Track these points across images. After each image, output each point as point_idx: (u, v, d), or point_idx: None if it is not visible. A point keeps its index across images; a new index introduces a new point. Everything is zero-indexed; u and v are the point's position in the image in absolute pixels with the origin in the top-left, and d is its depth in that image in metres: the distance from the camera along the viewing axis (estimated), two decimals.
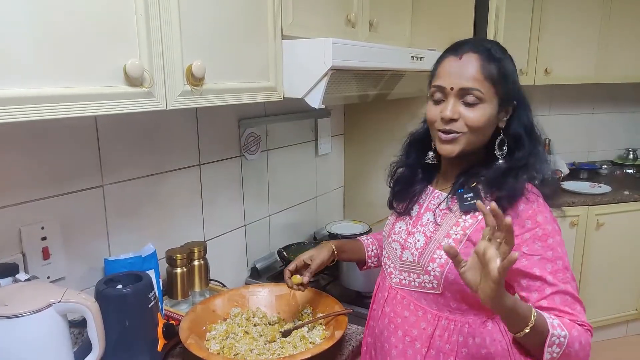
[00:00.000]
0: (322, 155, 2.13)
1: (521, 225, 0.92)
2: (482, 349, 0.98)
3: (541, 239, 0.92)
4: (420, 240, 1.03)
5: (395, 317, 1.06)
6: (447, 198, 1.02)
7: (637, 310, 2.88)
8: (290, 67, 1.30)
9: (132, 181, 1.34)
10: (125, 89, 0.91)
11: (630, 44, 2.81)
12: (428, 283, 1.00)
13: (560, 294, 0.91)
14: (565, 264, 0.93)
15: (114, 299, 1.07)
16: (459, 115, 0.94)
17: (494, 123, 0.97)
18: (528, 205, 0.93)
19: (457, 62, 0.95)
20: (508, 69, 0.97)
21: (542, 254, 0.91)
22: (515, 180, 0.94)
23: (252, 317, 1.26)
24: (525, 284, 0.93)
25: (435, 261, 0.98)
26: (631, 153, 3.27)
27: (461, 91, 0.94)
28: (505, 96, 0.96)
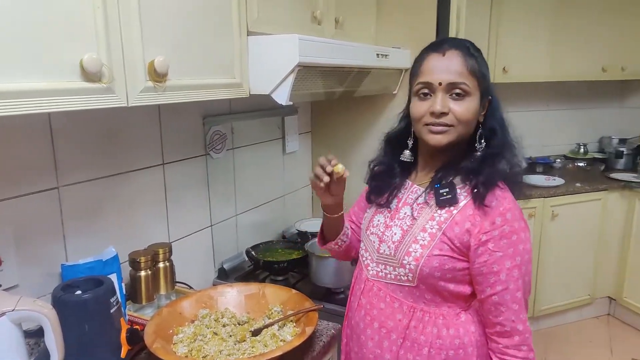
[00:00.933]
0: (289, 153, 2.11)
1: (492, 222, 0.95)
2: (455, 340, 1.00)
3: (507, 236, 0.95)
4: (397, 233, 1.04)
5: (371, 309, 1.08)
6: (425, 193, 1.04)
7: (590, 295, 3.04)
8: (256, 64, 1.28)
9: (90, 182, 1.28)
10: (83, 85, 0.87)
11: (580, 43, 2.94)
12: (404, 276, 1.02)
13: (509, 291, 0.95)
14: (523, 260, 0.96)
15: (73, 305, 1.02)
16: (449, 109, 0.97)
17: (477, 116, 1.01)
18: (499, 202, 0.96)
19: (441, 59, 0.98)
20: (484, 65, 1.01)
21: (505, 251, 0.95)
22: (491, 168, 0.98)
23: (220, 318, 1.23)
24: (481, 279, 0.97)
25: (410, 255, 1.00)
26: (582, 147, 3.42)
27: (449, 86, 0.97)
28: (484, 91, 1.00)
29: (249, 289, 1.33)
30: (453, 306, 1.02)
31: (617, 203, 2.91)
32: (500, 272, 0.95)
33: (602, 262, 2.99)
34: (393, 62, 1.82)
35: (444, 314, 1.01)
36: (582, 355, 2.75)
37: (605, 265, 2.99)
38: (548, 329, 2.98)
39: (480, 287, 0.98)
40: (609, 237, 2.95)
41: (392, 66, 1.84)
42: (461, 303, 1.02)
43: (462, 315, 1.02)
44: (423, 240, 0.99)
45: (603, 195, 2.87)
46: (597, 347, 2.83)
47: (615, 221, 2.93)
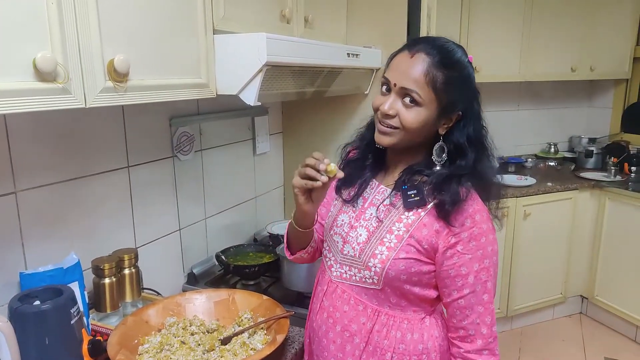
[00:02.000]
0: (260, 154, 2.08)
1: (461, 223, 0.93)
2: (419, 345, 0.99)
3: (476, 238, 0.94)
4: (362, 234, 1.02)
5: (334, 311, 1.06)
6: (391, 194, 1.02)
7: (562, 294, 3.09)
8: (223, 63, 1.25)
9: (51, 186, 1.23)
10: (36, 85, 0.82)
11: (550, 44, 3.00)
12: (369, 278, 1.00)
13: (475, 294, 0.95)
14: (491, 262, 0.95)
15: (31, 316, 0.97)
16: (396, 112, 0.95)
17: (430, 127, 0.97)
18: (470, 204, 0.94)
19: (407, 60, 0.94)
20: (459, 78, 0.95)
21: (473, 253, 0.94)
22: (457, 185, 0.95)
23: (189, 326, 1.19)
24: (449, 282, 0.96)
25: (376, 257, 0.98)
26: (552, 147, 3.49)
27: (402, 90, 0.94)
28: (448, 105, 0.95)
29: (219, 295, 1.30)
30: (418, 310, 1.01)
31: (587, 202, 2.97)
32: (469, 275, 0.94)
33: (573, 260, 3.04)
34: (364, 61, 1.80)
35: (409, 318, 1.00)
36: (556, 354, 2.80)
37: (576, 264, 3.05)
38: (521, 328, 3.02)
39: (447, 290, 0.97)
40: (580, 236, 3.00)
41: (364, 66, 1.83)
42: (426, 307, 1.01)
43: (426, 319, 1.01)
44: (389, 243, 0.97)
45: (574, 194, 2.92)
46: (570, 346, 2.88)
47: (586, 220, 2.99)
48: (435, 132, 0.99)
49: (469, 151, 0.97)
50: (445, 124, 0.98)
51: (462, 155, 0.98)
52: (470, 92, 0.98)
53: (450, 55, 0.94)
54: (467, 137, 0.98)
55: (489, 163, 1.00)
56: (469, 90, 0.98)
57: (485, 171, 0.99)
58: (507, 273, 2.86)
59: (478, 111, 1.00)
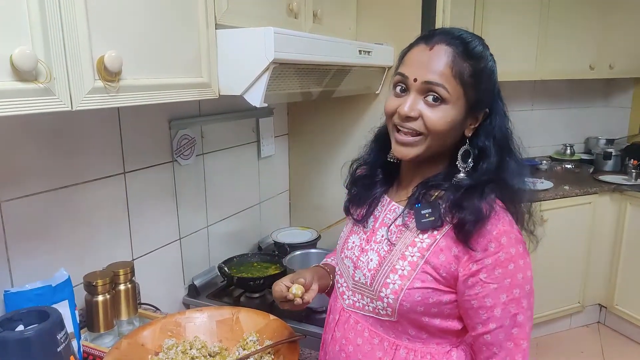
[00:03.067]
0: (265, 158, 1.98)
1: (484, 249, 0.80)
2: None
3: (502, 264, 0.80)
4: (373, 260, 0.90)
5: (346, 344, 0.93)
6: (404, 213, 0.89)
7: (580, 303, 2.97)
8: (226, 61, 1.15)
9: (39, 195, 1.13)
10: (14, 85, 0.73)
11: (567, 41, 2.88)
12: (382, 310, 0.88)
13: (503, 329, 0.82)
14: (522, 292, 0.82)
15: (13, 344, 0.88)
16: (419, 114, 0.82)
17: (459, 129, 0.85)
18: (494, 224, 0.81)
19: (427, 53, 0.82)
20: (485, 70, 0.84)
21: (500, 283, 0.80)
22: (479, 201, 0.81)
23: (189, 349, 1.09)
24: (472, 314, 0.83)
25: (388, 287, 0.85)
26: (568, 148, 3.37)
27: (424, 85, 0.81)
28: (475, 101, 0.83)
29: (221, 313, 1.19)
30: (442, 342, 0.88)
31: (607, 207, 2.84)
32: (495, 307, 0.81)
33: (592, 268, 2.92)
34: (376, 59, 1.70)
35: (432, 352, 0.87)
36: None
37: (595, 271, 2.92)
38: (538, 338, 2.90)
39: (472, 322, 0.84)
40: (600, 242, 2.87)
41: (375, 64, 1.72)
42: (451, 339, 0.88)
43: (453, 352, 0.88)
44: (402, 270, 0.85)
45: (593, 198, 2.79)
46: (588, 357, 2.76)
47: (606, 226, 2.86)
48: (461, 135, 0.86)
49: (492, 154, 0.85)
50: (471, 124, 0.86)
51: (484, 160, 0.85)
52: (495, 87, 0.87)
53: (474, 45, 0.84)
54: (494, 138, 0.86)
55: (516, 166, 0.87)
56: (494, 84, 0.87)
57: (511, 176, 0.85)
58: None
59: (503, 108, 0.88)
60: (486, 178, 0.84)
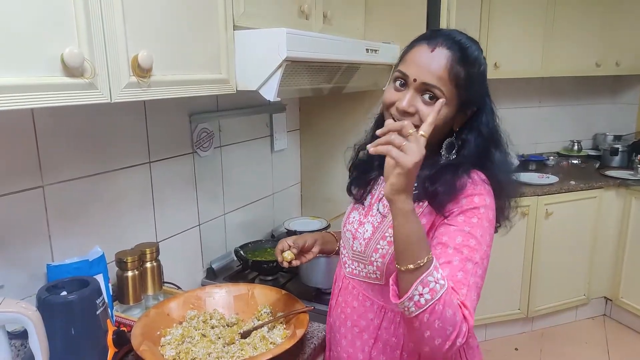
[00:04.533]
0: (278, 151, 2.09)
1: (456, 202, 0.89)
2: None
3: (466, 214, 0.88)
4: (368, 230, 1.02)
5: (345, 307, 1.06)
6: None
7: (585, 295, 3.02)
8: (243, 59, 1.26)
9: (76, 181, 1.25)
10: (64, 80, 0.84)
11: (574, 38, 2.92)
12: (372, 273, 1.00)
13: (449, 267, 0.84)
14: (478, 247, 0.86)
15: (58, 306, 0.99)
16: (415, 110, 0.90)
17: (449, 125, 0.95)
18: (470, 186, 0.90)
19: (428, 54, 0.90)
20: (478, 74, 0.93)
21: (459, 226, 0.87)
22: (453, 177, 0.90)
23: (209, 320, 1.21)
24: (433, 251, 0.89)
25: (377, 251, 0.98)
26: (576, 144, 3.42)
27: (423, 86, 0.89)
28: (466, 101, 0.92)
29: (238, 289, 1.31)
30: None
31: (612, 201, 2.89)
32: (448, 245, 0.86)
33: (597, 261, 2.96)
34: (383, 57, 1.80)
35: None
36: (578, 357, 2.73)
37: (601, 264, 2.97)
38: (542, 330, 2.96)
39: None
40: (605, 236, 2.92)
41: (382, 61, 1.82)
42: None
43: None
44: (390, 237, 0.95)
45: (598, 193, 2.84)
46: (593, 349, 2.81)
47: (611, 220, 2.91)
48: (450, 128, 0.96)
49: (472, 144, 0.93)
50: (460, 120, 0.96)
51: (465, 148, 0.94)
52: (484, 87, 0.97)
53: (471, 52, 0.92)
54: (479, 133, 0.94)
55: (502, 160, 0.96)
56: (484, 85, 0.96)
57: (497, 168, 0.94)
58: (528, 273, 2.80)
59: (491, 105, 0.97)
60: (463, 161, 0.92)
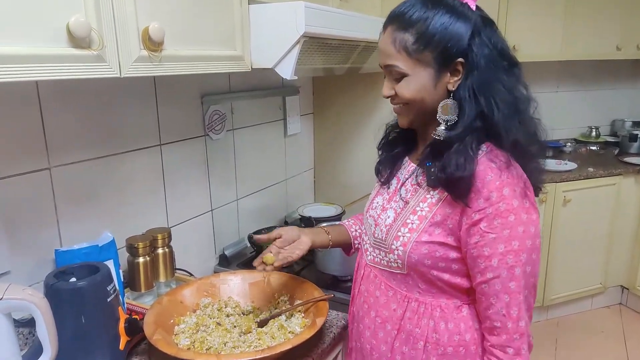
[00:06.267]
0: (291, 135, 2.03)
1: (486, 198, 0.82)
2: (454, 336, 0.91)
3: (502, 215, 0.82)
4: (390, 216, 0.96)
5: (368, 296, 1.01)
6: (417, 172, 0.94)
7: (602, 284, 2.96)
8: (258, 35, 1.20)
9: (84, 163, 1.20)
10: (70, 51, 0.79)
11: (594, 21, 2.83)
12: (393, 262, 0.94)
13: (500, 280, 0.84)
14: (522, 246, 0.83)
15: (67, 293, 0.95)
16: (394, 92, 0.90)
17: (436, 89, 0.86)
18: (496, 174, 0.82)
19: (381, 40, 0.90)
20: (434, 27, 0.83)
21: (498, 233, 0.82)
22: (459, 152, 0.83)
23: (224, 307, 1.16)
24: (472, 264, 0.87)
25: (399, 239, 0.91)
26: (594, 130, 3.33)
27: (386, 69, 0.90)
28: (437, 58, 0.84)
29: (253, 276, 1.26)
30: (452, 298, 0.92)
31: (631, 188, 2.81)
32: (492, 257, 0.83)
33: (615, 249, 2.90)
34: None
35: (442, 306, 0.92)
36: (594, 346, 2.68)
37: (618, 253, 2.90)
38: (558, 319, 2.91)
39: (472, 272, 0.87)
40: (623, 223, 2.85)
41: None
42: (461, 296, 0.92)
43: (463, 309, 0.92)
44: (412, 224, 0.90)
45: (617, 180, 2.76)
46: (609, 338, 2.76)
47: (630, 207, 2.83)
48: (444, 92, 0.87)
49: (467, 105, 0.83)
50: (451, 79, 0.86)
51: (461, 114, 0.84)
52: (458, 36, 0.83)
53: (411, 14, 0.85)
54: (473, 85, 0.83)
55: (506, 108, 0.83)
56: (455, 34, 0.83)
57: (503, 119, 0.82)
58: (544, 261, 2.74)
59: (486, 51, 0.84)
60: (463, 133, 0.84)
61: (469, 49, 0.84)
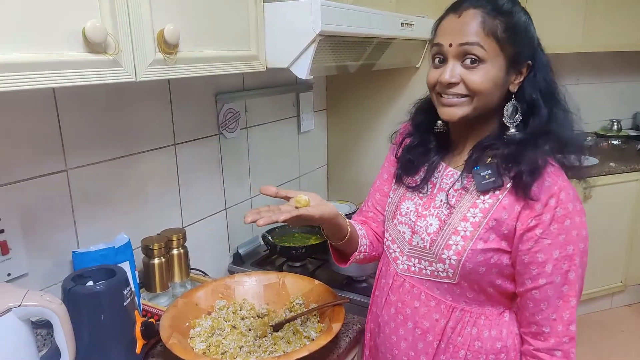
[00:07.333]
0: (304, 132, 2.01)
1: (544, 204, 0.82)
2: (497, 343, 0.90)
3: (559, 220, 0.82)
4: (433, 224, 0.93)
5: (403, 307, 0.97)
6: (462, 176, 0.91)
7: (623, 282, 2.90)
8: (273, 34, 1.18)
9: (100, 164, 1.20)
10: (86, 57, 0.78)
11: (615, 11, 2.74)
12: (442, 272, 0.90)
13: (553, 286, 0.83)
14: (576, 250, 0.83)
15: (84, 298, 0.96)
16: (459, 79, 0.84)
17: (502, 86, 0.86)
18: (554, 179, 0.83)
19: (456, 21, 0.85)
20: (519, 23, 0.85)
21: (554, 239, 0.82)
22: (534, 152, 0.83)
23: (239, 310, 1.16)
24: (522, 270, 0.85)
25: (450, 248, 0.88)
26: (615, 124, 3.24)
27: (460, 48, 0.84)
28: (515, 55, 0.85)
29: (268, 278, 1.25)
30: (497, 305, 0.91)
31: None
32: (547, 263, 0.82)
33: (636, 247, 2.82)
34: (418, 32, 1.68)
35: (487, 313, 0.90)
36: (614, 345, 2.64)
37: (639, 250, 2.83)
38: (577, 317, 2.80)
39: (520, 278, 0.86)
40: None
41: (417, 37, 1.71)
42: (506, 301, 0.91)
43: (505, 314, 0.91)
44: (464, 231, 0.87)
45: None
46: (630, 337, 2.71)
47: None
48: (507, 91, 0.87)
49: (541, 106, 0.86)
50: (515, 79, 0.87)
51: (534, 114, 0.86)
52: (533, 38, 0.88)
53: (502, 3, 0.85)
54: (541, 90, 0.87)
55: (564, 117, 0.88)
56: (531, 36, 0.88)
57: (561, 127, 0.86)
58: None
59: (546, 58, 0.89)
60: (538, 131, 0.85)
61: (537, 53, 0.88)
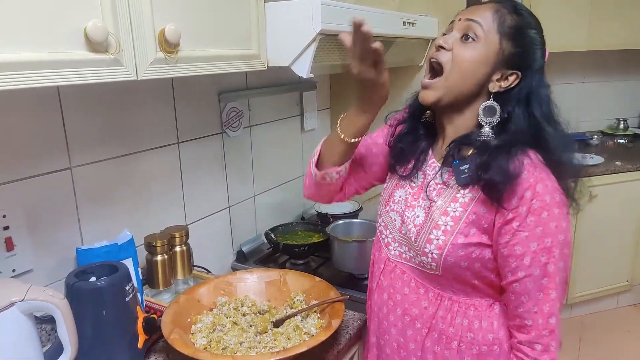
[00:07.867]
0: (308, 131, 2.02)
1: (520, 197, 0.81)
2: (488, 334, 0.90)
3: (535, 212, 0.81)
4: (419, 216, 0.94)
5: (394, 293, 0.99)
6: (442, 170, 0.92)
7: (629, 281, 2.88)
8: (274, 33, 1.19)
9: (104, 162, 1.22)
10: (88, 56, 0.79)
11: (621, 9, 2.73)
12: (426, 264, 0.92)
13: (532, 279, 0.83)
14: (555, 242, 0.82)
15: (87, 293, 0.97)
16: (450, 47, 0.87)
17: (482, 77, 0.86)
18: (530, 172, 0.82)
19: (477, 6, 0.89)
20: (527, 30, 0.86)
21: (531, 231, 0.81)
22: (507, 161, 0.82)
23: (240, 307, 1.17)
24: (503, 263, 0.85)
25: (432, 242, 0.89)
26: (622, 123, 3.23)
27: (465, 23, 0.87)
28: (509, 54, 0.85)
29: (270, 275, 1.26)
30: (485, 297, 0.91)
31: None
32: (524, 256, 0.82)
33: None
34: (420, 30, 1.69)
35: (476, 304, 0.91)
36: (619, 345, 2.62)
37: None
38: (582, 317, 2.85)
39: (502, 271, 0.86)
40: None
41: (419, 35, 1.71)
42: (494, 294, 0.91)
43: (495, 306, 0.91)
44: (445, 226, 0.88)
45: None
46: (635, 337, 2.69)
47: None
48: (486, 88, 0.87)
49: (521, 119, 0.85)
50: (498, 81, 0.87)
51: (513, 123, 0.85)
52: (534, 54, 0.87)
53: (520, 7, 0.89)
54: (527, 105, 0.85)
55: (560, 139, 0.86)
56: (534, 51, 0.87)
57: (554, 148, 0.85)
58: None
59: (541, 79, 0.88)
60: (514, 140, 0.84)
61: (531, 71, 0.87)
